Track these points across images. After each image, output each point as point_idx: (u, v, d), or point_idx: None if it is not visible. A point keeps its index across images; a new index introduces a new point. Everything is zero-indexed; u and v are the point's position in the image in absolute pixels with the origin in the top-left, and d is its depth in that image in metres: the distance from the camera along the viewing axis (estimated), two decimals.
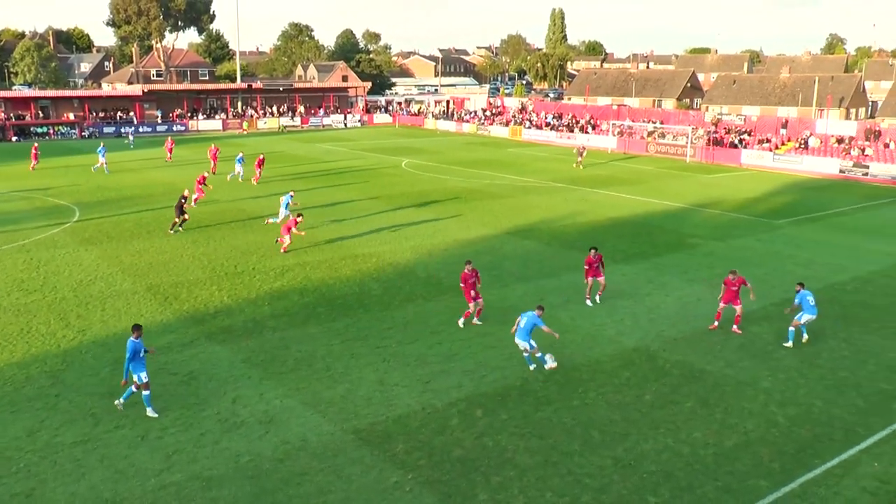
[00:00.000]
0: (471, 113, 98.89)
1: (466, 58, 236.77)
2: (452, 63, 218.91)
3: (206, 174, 42.51)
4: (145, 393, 17.41)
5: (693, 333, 22.77)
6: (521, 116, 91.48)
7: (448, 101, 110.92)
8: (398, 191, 46.66)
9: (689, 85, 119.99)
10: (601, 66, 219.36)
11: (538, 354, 19.90)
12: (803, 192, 50.24)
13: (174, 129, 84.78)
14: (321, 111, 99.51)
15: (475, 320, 23.17)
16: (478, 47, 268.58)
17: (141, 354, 17.27)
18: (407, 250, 31.85)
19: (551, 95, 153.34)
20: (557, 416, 17.54)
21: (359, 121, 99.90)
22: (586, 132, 79.69)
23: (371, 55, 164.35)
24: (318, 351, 20.92)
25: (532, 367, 19.90)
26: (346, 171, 54.76)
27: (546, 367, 19.87)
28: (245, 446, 16.25)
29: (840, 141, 63.71)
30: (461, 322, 22.97)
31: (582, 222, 38.52)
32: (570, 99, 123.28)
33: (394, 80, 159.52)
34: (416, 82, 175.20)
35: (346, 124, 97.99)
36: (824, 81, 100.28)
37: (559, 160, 64.86)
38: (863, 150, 60.80)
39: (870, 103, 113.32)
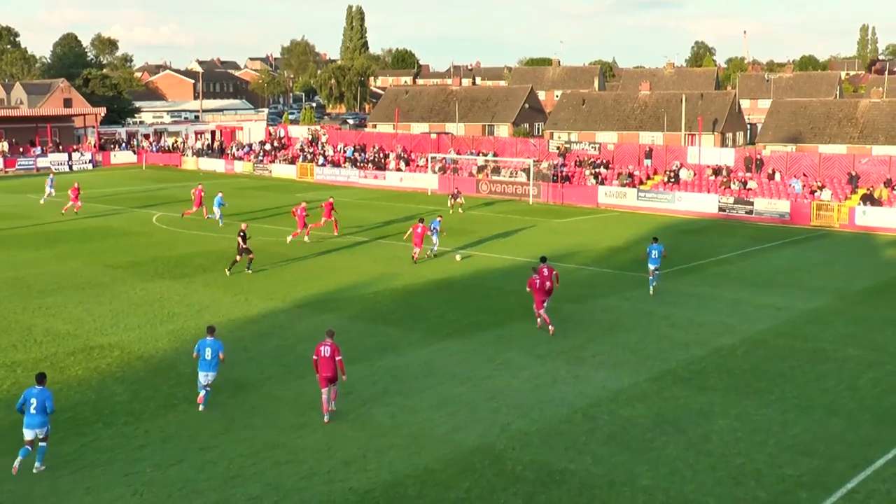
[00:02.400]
0: (245, 147, 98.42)
1: (236, 73, 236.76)
2: (218, 80, 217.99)
3: (331, 199, 53.26)
4: (44, 444, 20.40)
5: (549, 423, 23.36)
6: (311, 150, 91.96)
7: (214, 132, 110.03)
8: (148, 255, 45.57)
9: (527, 105, 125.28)
10: (414, 82, 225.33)
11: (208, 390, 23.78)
12: (677, 237, 53.19)
13: None
14: (35, 149, 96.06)
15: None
16: (251, 59, 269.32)
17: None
18: (163, 337, 31.01)
19: (350, 122, 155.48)
20: None
21: (90, 161, 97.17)
22: (399, 169, 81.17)
23: (105, 70, 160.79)
24: (35, 489, 19.79)
25: (201, 407, 23.78)
26: (71, 231, 52.92)
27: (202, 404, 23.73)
28: None
29: (717, 172, 68.24)
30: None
31: (397, 287, 38.94)
32: (374, 126, 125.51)
33: (138, 104, 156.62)
34: (169, 107, 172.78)
35: (71, 166, 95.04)
36: (693, 100, 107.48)
37: (365, 206, 65.54)
38: (744, 184, 65.37)
39: (748, 126, 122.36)
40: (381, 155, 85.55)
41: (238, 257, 41.20)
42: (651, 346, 30.57)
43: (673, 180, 68.37)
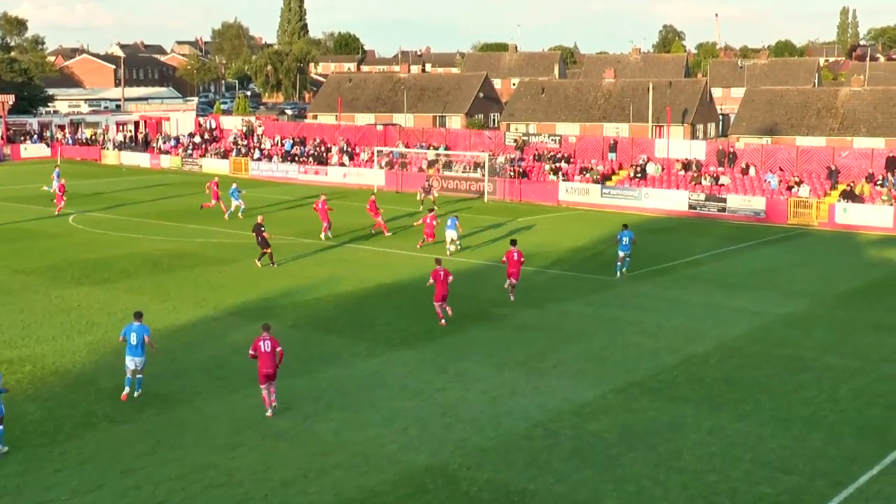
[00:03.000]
0: (172, 140, 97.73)
1: (162, 58, 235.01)
2: (142, 66, 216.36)
3: (374, 196, 57.61)
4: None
5: (507, 439, 23.39)
6: (246, 143, 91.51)
7: (137, 123, 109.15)
8: (64, 259, 45.17)
9: (481, 95, 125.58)
10: (358, 68, 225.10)
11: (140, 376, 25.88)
12: (645, 237, 53.39)
13: None
14: None
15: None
16: (178, 43, 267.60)
17: None
18: (82, 349, 30.71)
19: (289, 112, 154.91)
20: None
21: None
22: (342, 164, 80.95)
23: (13, 53, 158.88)
24: None
25: (136, 392, 25.72)
26: None
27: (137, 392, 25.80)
28: None
29: (687, 167, 68.78)
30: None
31: (341, 293, 38.88)
32: (315, 117, 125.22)
33: (52, 91, 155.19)
34: (87, 94, 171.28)
35: None
36: (661, 89, 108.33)
37: (306, 205, 65.33)
38: (716, 179, 65.93)
39: (720, 117, 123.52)
40: (323, 149, 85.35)
41: (268, 249, 43.72)
42: (617, 354, 30.72)
43: (639, 175, 68.82)
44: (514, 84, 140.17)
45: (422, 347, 31.17)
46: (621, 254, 42.29)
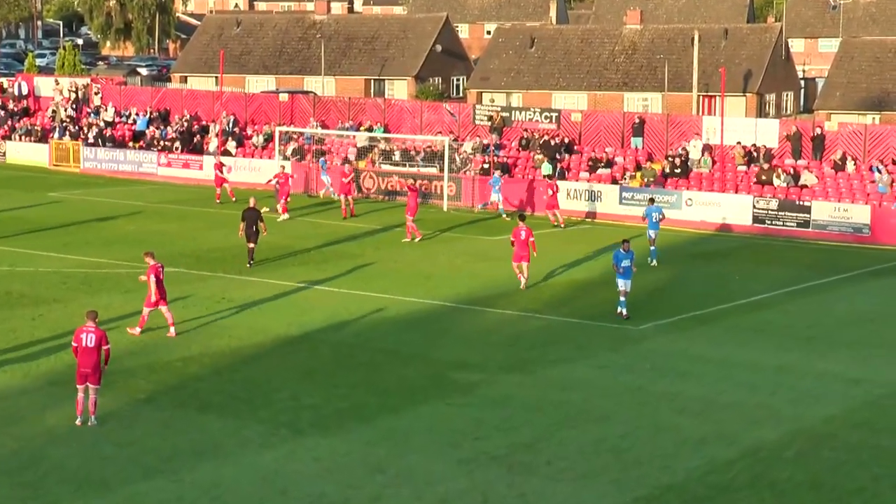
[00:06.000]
0: None
1: None
2: None
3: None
4: None
5: None
6: (75, 119, 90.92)
7: None
8: None
9: (438, 48, 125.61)
10: (251, 6, 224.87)
11: None
12: (685, 264, 53.67)
13: None
14: None
15: None
16: None
17: None
18: None
19: (143, 72, 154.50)
20: None
21: None
22: (222, 151, 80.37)
23: None
24: None
25: None
26: None
27: None
28: None
29: (751, 159, 68.73)
30: None
31: (223, 349, 38.67)
32: (185, 80, 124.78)
33: None
34: None
35: None
36: (712, 40, 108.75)
37: (170, 214, 65.06)
38: (796, 177, 65.90)
39: (801, 83, 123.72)
40: (196, 128, 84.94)
41: (253, 245, 50.55)
42: (644, 444, 30.60)
43: (679, 172, 68.74)
44: (488, 33, 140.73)
45: (346, 434, 30.93)
46: (651, 234, 48.44)
